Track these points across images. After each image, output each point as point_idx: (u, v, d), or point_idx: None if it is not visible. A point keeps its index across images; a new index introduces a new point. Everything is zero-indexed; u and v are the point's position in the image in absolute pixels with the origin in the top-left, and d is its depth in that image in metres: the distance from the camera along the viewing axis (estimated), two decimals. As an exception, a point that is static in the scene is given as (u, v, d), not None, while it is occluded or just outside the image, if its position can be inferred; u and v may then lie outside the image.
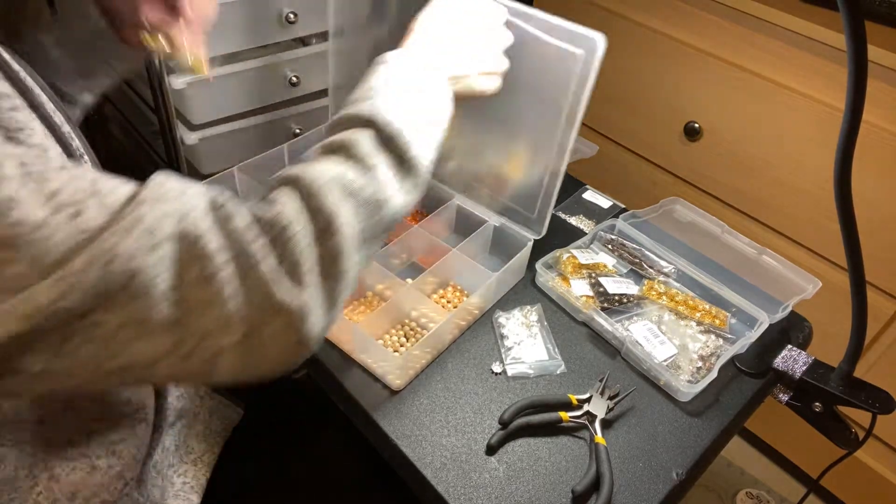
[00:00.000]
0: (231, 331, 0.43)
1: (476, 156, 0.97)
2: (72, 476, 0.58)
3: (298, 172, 0.49)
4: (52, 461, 0.57)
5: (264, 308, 0.44)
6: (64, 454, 0.58)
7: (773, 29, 1.12)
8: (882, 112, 1.04)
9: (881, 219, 1.09)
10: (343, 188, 0.49)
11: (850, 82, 0.55)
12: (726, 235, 1.00)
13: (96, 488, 0.59)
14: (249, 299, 0.43)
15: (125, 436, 0.62)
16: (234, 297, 0.43)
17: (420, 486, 0.70)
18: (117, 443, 0.61)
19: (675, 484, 0.71)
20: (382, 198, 0.52)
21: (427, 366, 0.81)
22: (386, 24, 1.01)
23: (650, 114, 1.36)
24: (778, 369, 0.83)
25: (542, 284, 0.93)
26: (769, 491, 1.51)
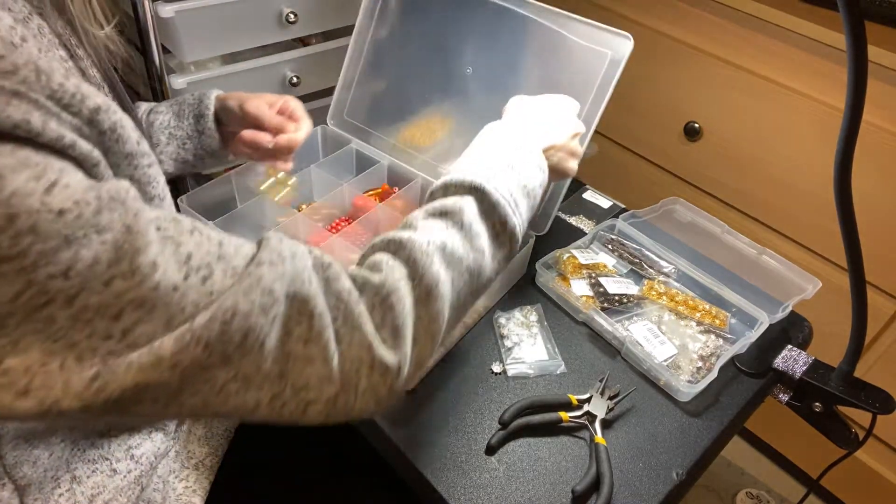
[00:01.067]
0: (328, 385, 0.46)
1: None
2: (93, 478, 0.60)
3: (406, 238, 0.51)
4: (74, 462, 0.59)
5: (362, 366, 0.47)
6: (86, 456, 0.60)
7: (773, 29, 1.12)
8: (882, 112, 1.04)
9: (881, 219, 1.09)
10: (446, 255, 0.53)
11: (850, 82, 0.55)
12: (726, 235, 1.00)
13: (115, 492, 0.61)
14: (350, 357, 0.46)
15: (142, 441, 0.64)
16: (335, 355, 0.46)
17: (420, 486, 0.70)
18: (135, 448, 0.63)
19: (675, 484, 0.71)
20: (479, 267, 0.56)
21: (434, 365, 0.81)
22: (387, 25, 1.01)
23: (650, 114, 1.36)
24: (778, 369, 0.83)
25: (542, 284, 0.93)
26: (769, 491, 1.51)
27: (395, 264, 0.50)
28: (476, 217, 0.56)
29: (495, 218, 0.58)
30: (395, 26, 1.01)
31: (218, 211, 0.91)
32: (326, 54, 1.19)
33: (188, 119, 0.82)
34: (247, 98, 0.81)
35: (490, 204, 0.57)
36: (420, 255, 0.50)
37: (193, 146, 0.83)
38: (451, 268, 0.53)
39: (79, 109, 0.40)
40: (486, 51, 0.92)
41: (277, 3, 1.06)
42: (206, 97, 0.82)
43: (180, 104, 0.83)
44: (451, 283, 0.52)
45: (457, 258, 0.53)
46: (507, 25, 0.89)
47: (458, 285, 0.53)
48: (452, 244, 0.53)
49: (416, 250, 0.51)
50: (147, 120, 0.82)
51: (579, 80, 0.84)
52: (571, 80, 0.86)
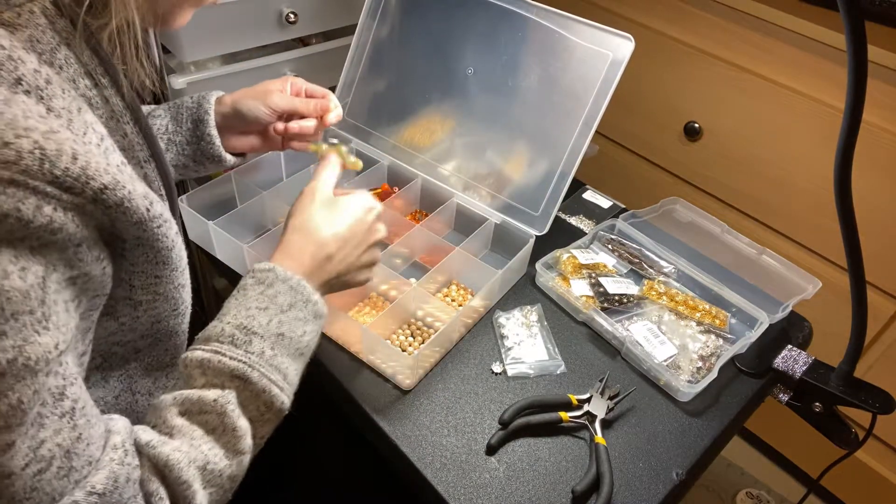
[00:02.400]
0: None
1: (480, 154, 0.97)
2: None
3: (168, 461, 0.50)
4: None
5: None
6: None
7: (773, 29, 1.12)
8: (882, 112, 1.04)
9: (881, 219, 1.09)
10: (207, 477, 0.52)
11: (850, 82, 0.55)
12: (726, 235, 1.00)
13: None
14: None
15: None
16: None
17: (420, 486, 0.70)
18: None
19: (675, 484, 0.71)
20: (242, 465, 0.55)
21: (435, 365, 0.81)
22: (388, 25, 1.01)
23: (650, 114, 1.36)
24: (778, 369, 0.83)
25: (542, 284, 0.93)
26: (769, 491, 1.51)
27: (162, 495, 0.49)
28: (238, 414, 0.54)
29: (261, 403, 0.55)
30: (396, 26, 1.01)
31: (218, 211, 0.91)
32: (326, 54, 1.19)
33: (186, 124, 0.80)
34: (247, 95, 0.79)
35: (255, 392, 0.55)
36: (181, 489, 0.50)
37: (193, 151, 0.81)
38: (211, 486, 0.52)
39: (82, 190, 0.41)
40: (487, 52, 0.92)
41: (277, 3, 1.06)
42: (206, 101, 0.80)
43: (178, 107, 0.81)
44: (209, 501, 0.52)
45: (217, 473, 0.52)
46: (508, 26, 0.90)
47: (217, 497, 0.54)
48: (213, 459, 0.52)
49: (176, 481, 0.50)
50: None
51: (580, 81, 0.85)
52: (572, 81, 0.86)
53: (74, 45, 0.48)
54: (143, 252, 0.50)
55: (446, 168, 0.99)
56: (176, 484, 0.50)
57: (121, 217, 0.45)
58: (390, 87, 1.04)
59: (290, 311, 0.59)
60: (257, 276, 0.60)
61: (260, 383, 0.55)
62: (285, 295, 0.59)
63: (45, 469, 0.41)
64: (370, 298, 0.89)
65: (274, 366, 0.56)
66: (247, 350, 0.55)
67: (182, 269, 0.57)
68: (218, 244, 0.91)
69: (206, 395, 0.53)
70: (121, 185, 0.44)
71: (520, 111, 0.92)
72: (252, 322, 0.56)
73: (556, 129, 0.88)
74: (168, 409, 0.53)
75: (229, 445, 0.54)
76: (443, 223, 1.00)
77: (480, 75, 0.94)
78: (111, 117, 0.52)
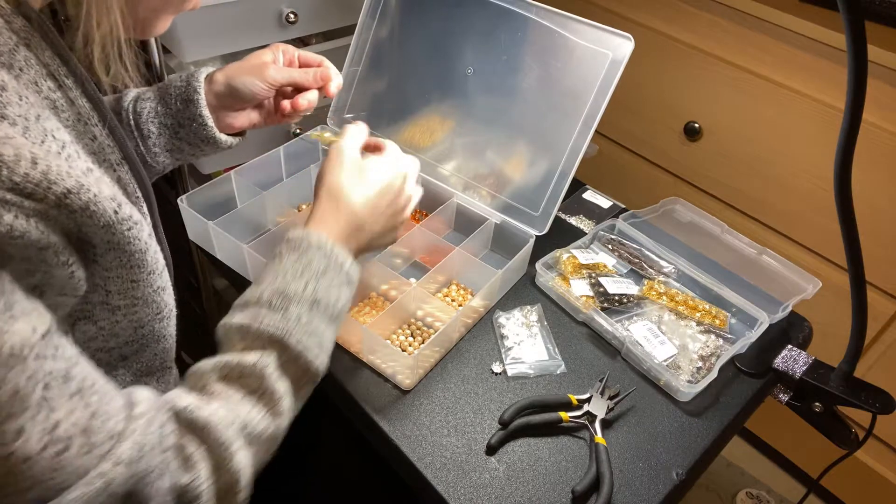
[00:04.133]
0: None
1: (480, 154, 0.97)
2: None
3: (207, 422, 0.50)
4: None
5: None
6: None
7: (773, 29, 1.12)
8: (882, 112, 1.04)
9: (881, 219, 1.09)
10: (248, 437, 0.52)
11: (850, 82, 0.55)
12: (726, 235, 1.00)
13: None
14: None
15: None
16: None
17: (420, 486, 0.70)
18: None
19: (675, 484, 0.71)
20: (280, 427, 0.55)
21: (435, 365, 0.81)
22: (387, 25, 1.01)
23: (650, 114, 1.36)
24: (778, 369, 0.83)
25: (542, 284, 0.93)
26: (769, 491, 1.51)
27: (199, 457, 0.49)
28: (278, 377, 0.54)
29: (298, 367, 0.56)
30: (396, 26, 1.01)
31: (218, 211, 0.91)
32: (326, 54, 1.18)
33: (176, 105, 0.75)
34: (241, 71, 0.76)
35: (292, 357, 0.56)
36: (221, 449, 0.50)
37: (186, 134, 0.76)
38: (252, 445, 0.53)
39: (44, 196, 0.40)
40: (487, 51, 0.92)
41: (277, 3, 1.06)
42: (195, 79, 0.75)
43: (166, 88, 0.76)
44: (252, 461, 0.52)
45: (257, 434, 0.53)
46: (508, 26, 0.89)
47: (259, 457, 0.54)
48: (253, 420, 0.53)
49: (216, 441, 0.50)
50: (134, 110, 0.75)
51: (580, 81, 0.85)
52: (572, 80, 0.86)
53: (34, 45, 0.47)
54: (115, 256, 0.49)
55: (446, 168, 0.99)
56: (216, 444, 0.50)
57: (87, 221, 0.44)
58: (390, 87, 1.04)
59: (325, 277, 0.59)
60: (292, 243, 0.61)
61: (297, 348, 0.55)
62: (319, 261, 0.60)
63: (65, 449, 0.41)
64: (370, 298, 0.89)
65: (310, 331, 0.57)
66: (284, 316, 0.56)
67: (160, 272, 0.56)
68: (218, 244, 0.91)
69: (245, 358, 0.54)
70: (85, 189, 0.43)
71: (519, 111, 0.92)
72: (288, 288, 0.57)
73: (555, 128, 0.88)
74: (208, 375, 0.54)
75: (268, 407, 0.54)
76: (443, 223, 1.00)
77: (480, 75, 0.93)
78: (78, 120, 0.51)
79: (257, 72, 0.75)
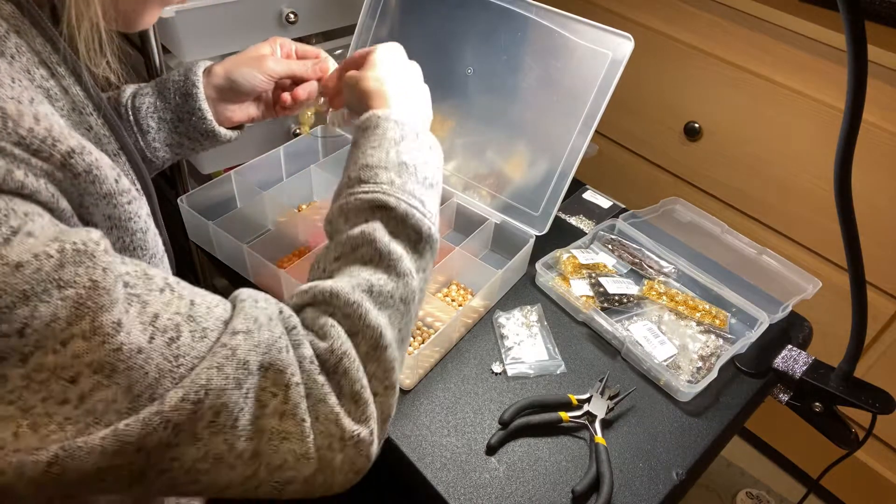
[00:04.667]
0: (306, 464, 0.44)
1: (480, 154, 0.97)
2: None
3: (332, 289, 0.49)
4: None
5: (334, 441, 0.46)
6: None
7: (773, 29, 1.12)
8: (882, 112, 1.04)
9: (881, 219, 1.09)
10: (377, 298, 0.51)
11: (850, 82, 0.55)
12: (726, 235, 1.00)
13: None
14: (320, 433, 0.45)
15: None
16: (310, 431, 0.44)
17: (420, 486, 0.70)
18: None
19: (675, 484, 0.71)
20: (410, 291, 0.54)
21: (435, 365, 0.81)
22: (387, 25, 1.01)
23: (650, 114, 1.36)
24: (778, 369, 0.83)
25: (542, 284, 0.93)
26: (769, 491, 1.51)
27: (333, 323, 0.48)
28: (389, 240, 0.53)
29: (409, 230, 0.55)
30: (396, 26, 1.01)
31: (218, 211, 0.91)
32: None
33: (174, 99, 0.75)
34: (240, 64, 0.76)
35: (399, 218, 0.54)
36: (352, 309, 0.49)
37: (186, 129, 0.76)
38: (384, 308, 0.51)
39: (50, 154, 0.38)
40: (487, 51, 0.92)
41: (277, 3, 1.06)
42: (192, 73, 0.75)
43: (164, 83, 0.76)
44: (390, 323, 0.51)
45: (386, 295, 0.51)
46: (508, 26, 0.89)
47: (397, 321, 0.52)
48: (378, 282, 0.51)
49: (345, 305, 0.49)
50: (133, 105, 0.75)
51: (580, 81, 0.85)
52: (572, 80, 0.86)
53: (24, 31, 0.46)
54: (118, 236, 0.47)
55: (446, 168, 0.99)
56: (346, 306, 0.49)
57: (90, 188, 0.42)
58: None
59: (404, 143, 0.59)
60: (360, 126, 0.61)
61: (400, 207, 0.54)
62: (393, 130, 0.60)
63: (177, 336, 0.40)
64: (370, 298, 0.89)
65: (407, 191, 0.55)
66: (376, 182, 0.55)
67: (160, 258, 0.55)
68: (218, 244, 0.91)
69: (353, 232, 0.53)
70: (87, 151, 0.41)
71: (519, 111, 0.92)
72: (371, 159, 0.57)
73: (555, 128, 0.88)
74: (323, 260, 0.54)
75: (390, 269, 0.53)
76: (443, 223, 1.00)
77: (480, 75, 0.93)
78: (73, 109, 0.50)
79: (256, 64, 0.75)
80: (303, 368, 0.45)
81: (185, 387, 0.39)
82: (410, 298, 0.54)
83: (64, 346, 0.36)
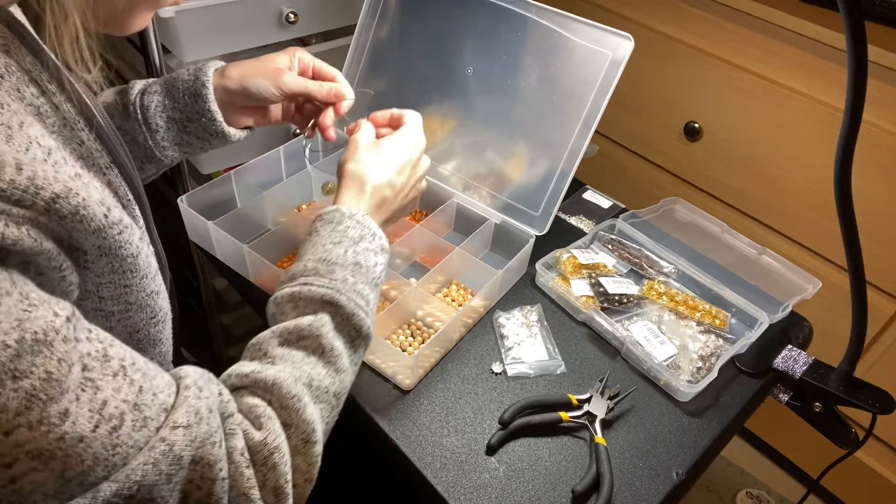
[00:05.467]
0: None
1: (480, 154, 0.97)
2: None
3: (274, 380, 0.51)
4: None
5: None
6: None
7: (773, 29, 1.12)
8: (882, 112, 1.04)
9: (881, 219, 1.09)
10: (314, 392, 0.54)
11: (850, 82, 0.55)
12: (726, 235, 1.00)
13: None
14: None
15: None
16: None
17: (420, 486, 0.70)
18: None
19: (675, 484, 0.71)
20: (343, 385, 0.57)
21: (435, 365, 0.81)
22: (387, 25, 1.01)
23: (650, 114, 1.36)
24: (778, 369, 0.83)
25: (542, 284, 0.93)
26: (769, 491, 1.51)
27: (270, 414, 0.50)
28: (334, 335, 0.57)
29: (351, 328, 0.58)
30: (396, 26, 1.01)
31: (218, 211, 0.91)
32: (326, 54, 1.19)
33: (183, 99, 0.74)
34: (256, 73, 0.75)
35: (345, 316, 0.58)
36: (291, 402, 0.51)
37: (195, 129, 0.76)
38: (319, 402, 0.54)
39: (32, 202, 0.39)
40: (487, 51, 0.92)
41: (277, 3, 1.06)
42: (203, 73, 0.74)
43: (173, 81, 0.75)
44: (322, 417, 0.54)
45: (323, 389, 0.54)
46: (508, 26, 0.89)
47: (327, 414, 0.55)
48: (318, 377, 0.54)
49: (285, 397, 0.51)
50: (142, 104, 0.75)
51: (580, 81, 0.85)
52: (572, 80, 0.86)
53: (14, 51, 0.46)
54: (107, 262, 0.48)
55: (446, 168, 0.99)
56: (285, 399, 0.51)
57: (77, 227, 0.43)
58: (390, 87, 1.04)
59: (362, 243, 0.63)
60: (325, 217, 0.64)
61: (349, 307, 0.58)
62: (354, 229, 0.63)
63: (119, 426, 0.41)
64: (370, 298, 0.89)
65: (357, 291, 0.59)
66: (331, 279, 0.58)
67: (153, 276, 0.55)
68: (218, 244, 0.91)
69: (301, 322, 0.56)
70: (73, 193, 0.42)
71: (519, 111, 0.92)
72: (330, 255, 0.60)
73: (555, 128, 0.88)
74: (268, 342, 0.55)
75: (330, 364, 0.56)
76: (443, 223, 1.00)
77: (480, 75, 0.93)
78: (64, 125, 0.50)
79: (272, 77, 0.75)
80: (232, 460, 0.47)
81: (119, 481, 0.40)
82: (342, 393, 0.57)
83: (7, 436, 0.36)
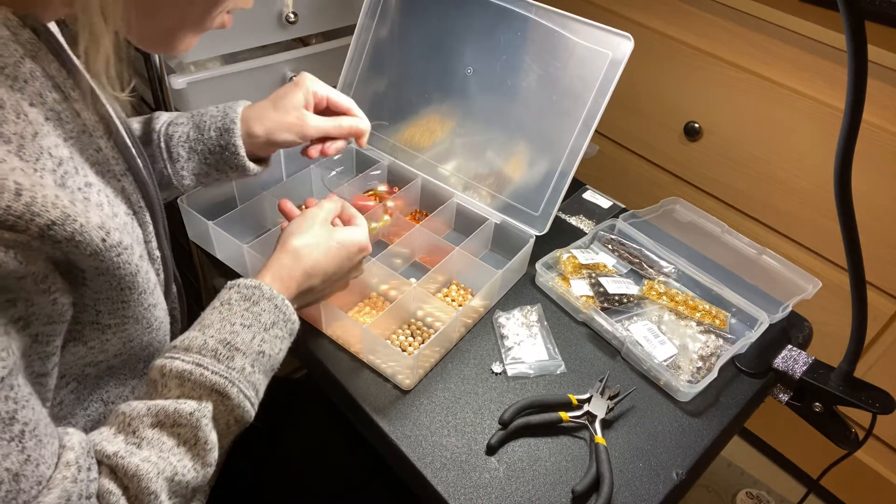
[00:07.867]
0: None
1: (480, 154, 0.97)
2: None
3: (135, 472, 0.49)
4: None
5: None
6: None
7: (773, 29, 1.12)
8: (882, 112, 1.04)
9: (881, 219, 1.09)
10: (174, 488, 0.52)
11: (850, 82, 0.55)
12: (726, 235, 1.00)
13: None
14: None
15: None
16: None
17: (420, 486, 0.70)
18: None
19: (675, 484, 0.71)
20: (203, 481, 0.55)
21: (435, 365, 0.81)
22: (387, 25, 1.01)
23: (650, 114, 1.36)
24: (778, 369, 0.83)
25: (542, 284, 0.93)
26: (769, 491, 1.51)
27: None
28: (211, 428, 0.54)
29: (232, 418, 0.56)
30: (396, 26, 1.01)
31: (218, 211, 0.91)
32: (326, 54, 1.19)
33: (209, 132, 0.78)
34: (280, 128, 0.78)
35: (230, 408, 0.56)
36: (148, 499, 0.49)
37: (216, 161, 0.79)
38: (176, 496, 0.52)
39: (26, 228, 0.40)
40: (487, 51, 0.92)
41: (277, 3, 1.06)
42: (232, 110, 0.78)
43: (201, 116, 0.79)
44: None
45: (184, 485, 0.52)
46: (508, 26, 0.90)
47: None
48: (182, 470, 0.52)
49: (143, 491, 0.49)
50: (166, 133, 0.78)
51: (579, 81, 0.85)
52: (571, 80, 0.86)
53: (40, 57, 0.47)
54: (105, 280, 0.49)
55: (446, 168, 0.99)
56: (142, 494, 0.49)
57: (74, 250, 0.44)
58: (390, 87, 1.04)
59: (273, 330, 0.60)
60: (243, 291, 0.61)
61: (237, 399, 0.56)
62: (269, 313, 0.61)
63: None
64: (370, 298, 0.89)
65: (251, 382, 0.57)
66: (229, 366, 0.56)
67: (151, 290, 0.55)
68: (218, 244, 0.91)
69: (182, 407, 0.53)
70: (71, 220, 0.42)
71: (519, 111, 0.92)
72: (236, 338, 0.58)
73: (555, 128, 0.88)
74: (140, 420, 0.52)
75: (199, 457, 0.54)
76: (443, 223, 1.00)
77: (480, 75, 0.94)
78: (83, 132, 0.51)
79: (298, 130, 0.78)
80: None
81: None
82: (201, 487, 0.55)
83: None
